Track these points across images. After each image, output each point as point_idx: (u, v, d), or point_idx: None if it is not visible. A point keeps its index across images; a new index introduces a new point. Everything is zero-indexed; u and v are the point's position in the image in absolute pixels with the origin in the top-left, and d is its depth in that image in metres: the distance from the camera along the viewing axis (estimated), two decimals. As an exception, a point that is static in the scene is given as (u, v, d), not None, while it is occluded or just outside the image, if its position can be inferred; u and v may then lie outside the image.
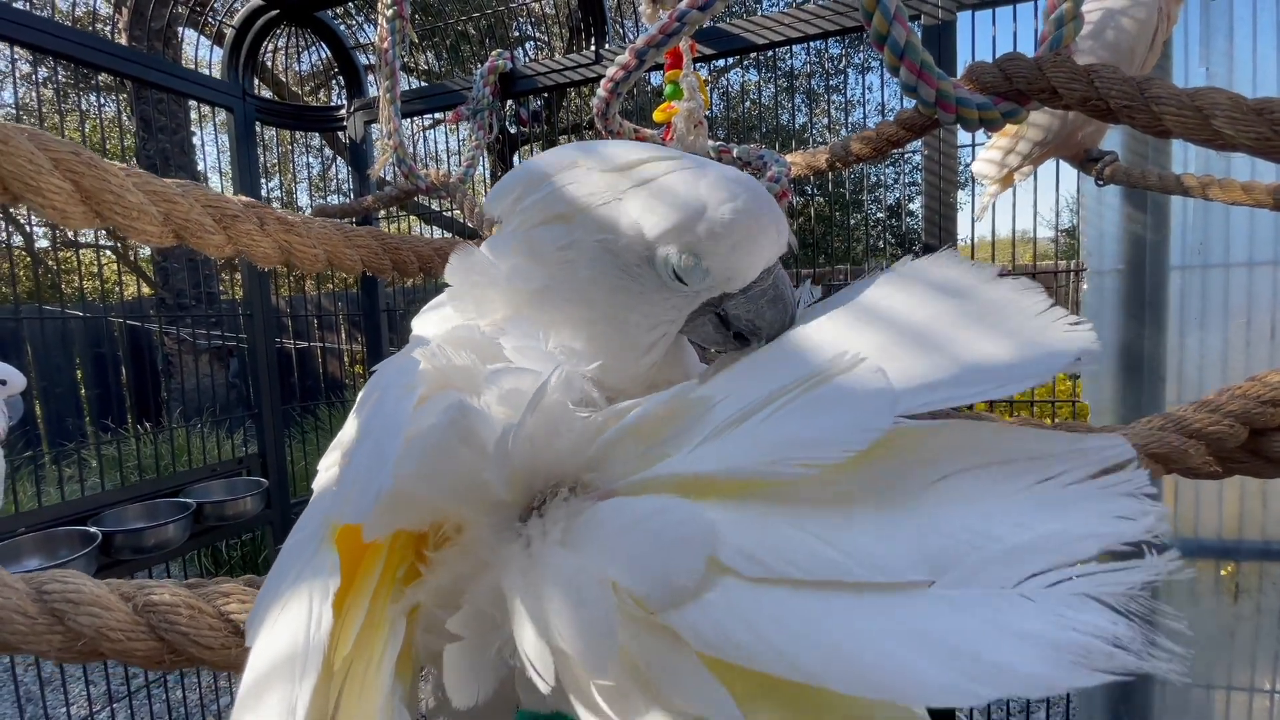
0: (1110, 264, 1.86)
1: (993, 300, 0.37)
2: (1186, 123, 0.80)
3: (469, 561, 0.36)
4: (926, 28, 1.95)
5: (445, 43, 6.94)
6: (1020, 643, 0.24)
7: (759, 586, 0.28)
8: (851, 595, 0.27)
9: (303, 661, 0.31)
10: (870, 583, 0.27)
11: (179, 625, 0.54)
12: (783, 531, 0.30)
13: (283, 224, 0.67)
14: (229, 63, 2.46)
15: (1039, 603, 0.25)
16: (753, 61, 6.93)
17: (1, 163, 0.43)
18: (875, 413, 0.31)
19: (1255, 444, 0.78)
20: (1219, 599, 1.80)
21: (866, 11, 0.99)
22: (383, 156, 1.93)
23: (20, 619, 0.53)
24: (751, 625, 0.27)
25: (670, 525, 0.31)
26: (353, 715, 0.32)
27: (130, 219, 0.52)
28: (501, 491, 0.36)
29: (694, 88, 1.46)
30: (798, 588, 0.28)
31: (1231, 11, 1.76)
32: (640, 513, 0.32)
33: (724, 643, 0.27)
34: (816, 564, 0.28)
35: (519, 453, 0.36)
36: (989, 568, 0.26)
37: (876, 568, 0.27)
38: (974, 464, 0.31)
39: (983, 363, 0.33)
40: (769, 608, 0.27)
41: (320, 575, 0.34)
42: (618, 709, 0.29)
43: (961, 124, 1.04)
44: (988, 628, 0.25)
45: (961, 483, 0.30)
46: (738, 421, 0.34)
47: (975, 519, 0.28)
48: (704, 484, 0.32)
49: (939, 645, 0.25)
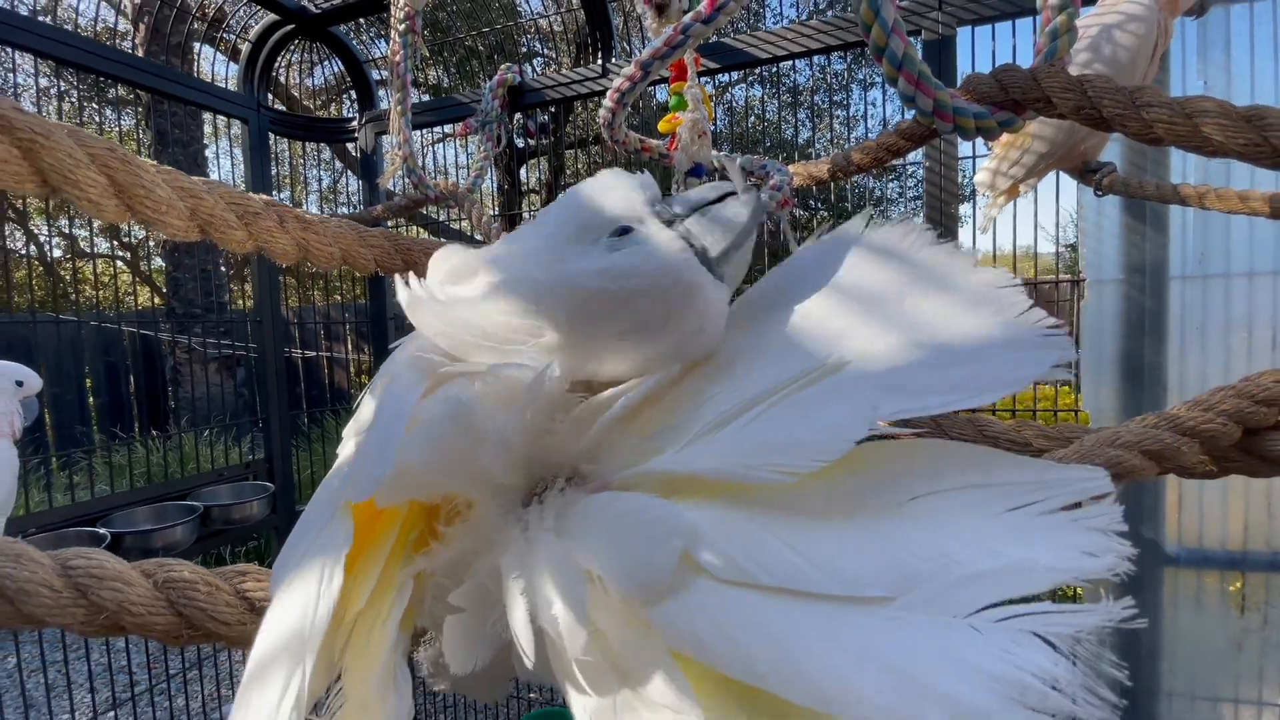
0: (1110, 274, 1.87)
1: (976, 294, 0.37)
2: (1177, 129, 0.83)
3: (476, 538, 0.38)
4: (927, 43, 1.99)
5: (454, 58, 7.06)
6: (961, 673, 0.24)
7: (730, 589, 0.29)
8: (812, 605, 0.28)
9: (313, 617, 0.33)
10: (831, 595, 0.28)
11: (197, 601, 0.56)
12: (757, 536, 0.31)
13: (300, 222, 0.70)
14: (244, 75, 2.53)
15: (987, 635, 0.25)
16: (757, 77, 7.00)
17: (44, 155, 0.46)
18: (852, 423, 0.32)
19: (1249, 443, 0.79)
20: (1226, 611, 1.79)
21: (865, 24, 1.02)
22: (392, 166, 1.97)
23: (47, 592, 0.55)
24: (719, 627, 0.28)
25: (649, 523, 0.32)
26: (358, 663, 0.34)
27: (159, 213, 0.55)
28: (502, 477, 0.38)
29: (698, 99, 1.50)
30: (765, 593, 0.28)
31: (1228, 25, 1.78)
32: (624, 509, 0.34)
33: (692, 641, 0.28)
34: (785, 571, 0.29)
35: (517, 442, 0.38)
36: (948, 592, 0.27)
37: (840, 580, 0.28)
38: (950, 486, 0.31)
39: (964, 370, 0.34)
40: (736, 611, 0.28)
41: (335, 540, 0.36)
42: (595, 687, 0.30)
43: (959, 133, 1.06)
44: (934, 654, 0.25)
45: (935, 503, 0.30)
46: (724, 422, 0.35)
47: (942, 541, 0.29)
48: (690, 483, 0.34)
49: (884, 666, 0.25)
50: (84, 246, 4.37)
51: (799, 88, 6.09)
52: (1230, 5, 1.79)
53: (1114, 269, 1.88)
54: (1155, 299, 1.86)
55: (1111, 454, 0.77)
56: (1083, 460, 0.76)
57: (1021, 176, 1.46)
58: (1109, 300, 1.91)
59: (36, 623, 0.55)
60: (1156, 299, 1.86)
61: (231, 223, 0.59)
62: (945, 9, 1.96)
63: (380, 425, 0.40)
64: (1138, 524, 1.90)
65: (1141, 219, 1.86)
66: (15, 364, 1.51)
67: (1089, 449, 0.77)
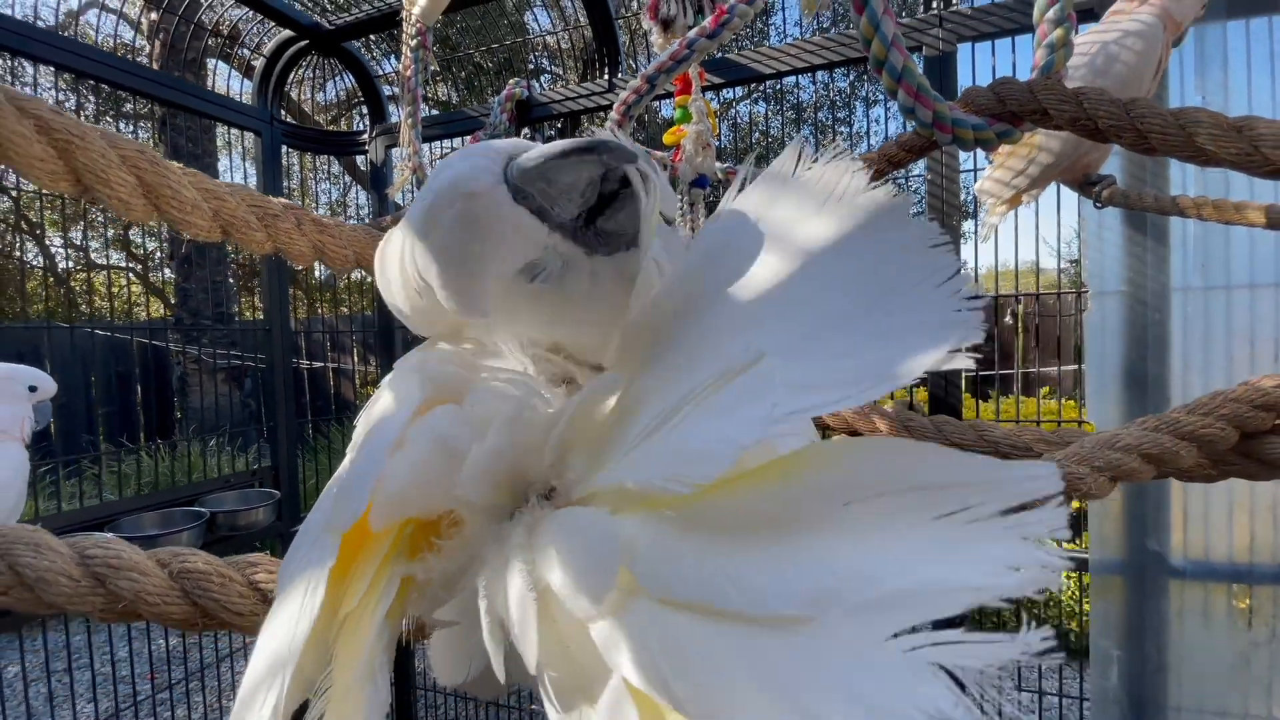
0: (1112, 286, 1.89)
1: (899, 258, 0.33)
2: (1170, 140, 0.85)
3: (465, 553, 0.40)
4: (928, 59, 2.02)
5: (462, 75, 7.16)
6: (856, 708, 0.24)
7: (660, 609, 0.30)
8: (730, 628, 0.28)
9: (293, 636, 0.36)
10: (750, 615, 0.28)
11: (211, 591, 0.58)
12: (689, 552, 0.31)
13: (317, 225, 0.72)
14: (259, 89, 2.58)
15: (891, 668, 0.24)
16: (761, 94, 7.07)
17: (78, 155, 0.49)
18: (748, 429, 0.30)
19: (1246, 446, 0.80)
20: (1232, 625, 1.78)
21: (865, 38, 1.04)
22: (403, 177, 2.01)
23: (65, 580, 0.56)
24: (645, 646, 0.29)
25: (591, 542, 0.33)
26: (345, 654, 0.37)
27: (185, 213, 0.57)
28: (484, 498, 0.39)
29: (702, 112, 1.53)
30: (690, 613, 0.29)
31: (1225, 42, 1.81)
32: (574, 526, 0.35)
33: (623, 659, 0.29)
34: (710, 590, 0.29)
35: (491, 464, 0.39)
36: (863, 615, 0.26)
37: (760, 600, 0.28)
38: (888, 490, 0.29)
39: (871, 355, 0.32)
40: (662, 631, 0.29)
41: (320, 559, 0.38)
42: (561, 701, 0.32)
43: (958, 144, 1.09)
44: (830, 687, 0.25)
45: (867, 510, 0.29)
46: (654, 430, 0.35)
47: (864, 557, 0.28)
48: (630, 496, 0.34)
49: (786, 695, 0.25)
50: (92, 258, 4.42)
51: (803, 104, 6.15)
52: (1226, 22, 1.82)
53: (1116, 281, 1.89)
54: (1158, 311, 1.87)
55: (1111, 457, 0.78)
56: (1082, 462, 0.77)
57: (1025, 186, 1.48)
58: (1111, 312, 1.92)
59: (58, 609, 0.57)
60: (1159, 311, 1.88)
61: (252, 224, 0.62)
62: (946, 26, 2.00)
63: (367, 449, 0.42)
64: (1143, 536, 1.90)
65: (1143, 231, 1.87)
66: (30, 368, 1.54)
67: (1088, 451, 0.78)
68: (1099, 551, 1.93)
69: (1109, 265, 1.90)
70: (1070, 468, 0.77)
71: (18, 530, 0.57)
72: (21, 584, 0.56)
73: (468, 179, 0.43)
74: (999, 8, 1.95)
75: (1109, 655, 1.85)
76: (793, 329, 0.34)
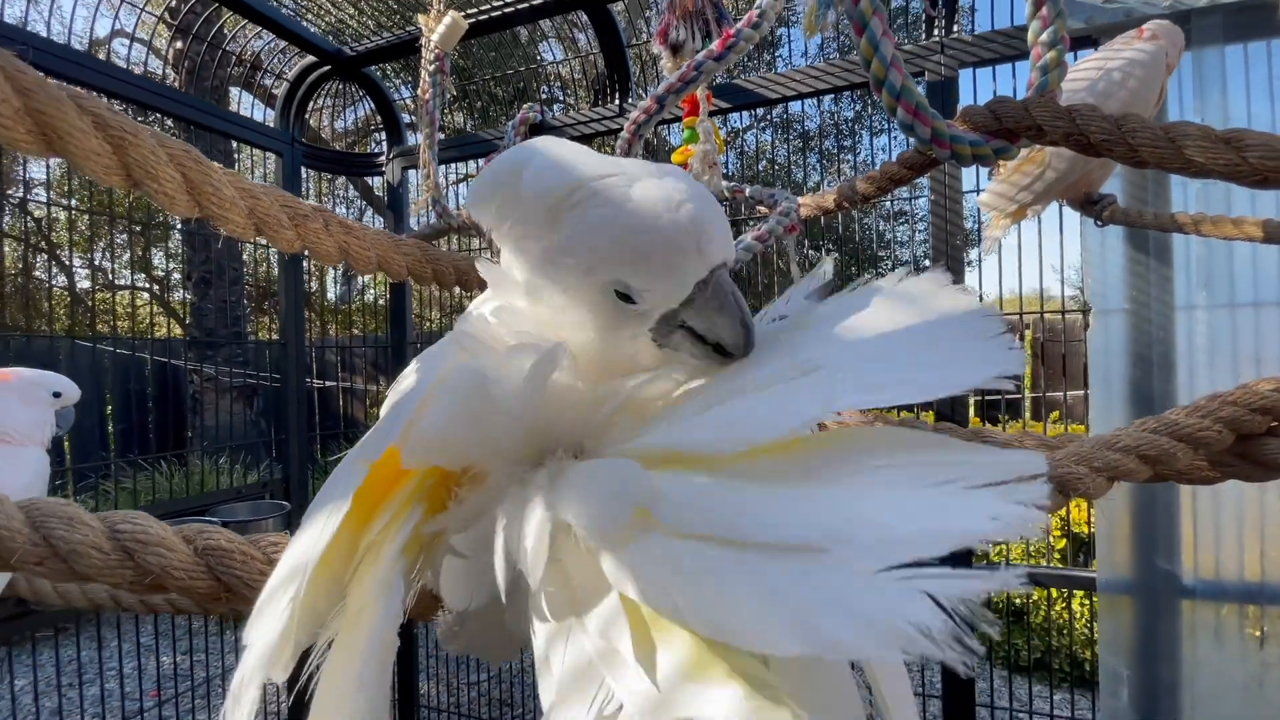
0: (1115, 304, 1.90)
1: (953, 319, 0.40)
2: (1161, 153, 0.88)
3: (485, 500, 0.43)
4: (931, 84, 2.08)
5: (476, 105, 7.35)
6: (842, 617, 0.27)
7: (676, 540, 0.33)
8: (739, 553, 0.31)
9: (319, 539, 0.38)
10: (759, 543, 0.31)
11: (234, 569, 0.60)
12: (711, 497, 0.34)
13: (343, 226, 0.76)
14: (281, 112, 2.68)
15: (884, 590, 0.28)
16: (769, 123, 7.20)
17: (130, 151, 0.53)
18: (809, 409, 0.35)
19: (1243, 448, 0.81)
20: (1244, 645, 1.75)
21: (865, 59, 1.09)
22: (422, 198, 2.07)
23: (96, 553, 0.59)
24: (656, 570, 0.32)
25: (614, 481, 0.36)
26: (361, 579, 0.39)
27: (223, 209, 0.61)
28: (511, 446, 0.42)
29: (709, 132, 1.58)
30: (705, 542, 0.32)
31: (1224, 65, 1.85)
32: (599, 469, 0.38)
33: (631, 582, 0.32)
34: (722, 523, 0.32)
35: (528, 415, 0.41)
36: (864, 552, 0.29)
37: (772, 534, 0.31)
38: (897, 463, 0.34)
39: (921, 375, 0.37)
40: (675, 557, 0.32)
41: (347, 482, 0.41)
42: (554, 615, 0.35)
43: (956, 160, 1.12)
44: (826, 600, 0.28)
45: (876, 476, 0.33)
46: (706, 409, 0.40)
47: (872, 508, 0.32)
48: (667, 456, 0.38)
49: (785, 607, 0.29)
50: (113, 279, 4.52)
51: (809, 133, 6.26)
52: (1224, 47, 1.86)
53: (1119, 299, 1.91)
54: (1162, 329, 1.89)
55: (1110, 457, 0.79)
56: (1080, 462, 0.78)
57: (1028, 201, 1.51)
58: (1115, 330, 1.93)
59: (88, 580, 0.59)
60: (1164, 329, 1.89)
61: (284, 223, 0.66)
62: (947, 52, 2.06)
63: (407, 394, 0.46)
64: (1153, 555, 1.88)
65: (1145, 250, 1.90)
66: (55, 375, 1.58)
67: (1087, 451, 0.79)
68: (1108, 571, 1.92)
69: (1112, 284, 1.92)
70: (1069, 467, 0.78)
71: (51, 504, 0.60)
72: (55, 555, 0.59)
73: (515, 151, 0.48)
74: (999, 34, 2.01)
75: (1118, 674, 1.82)
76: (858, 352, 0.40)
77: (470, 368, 0.43)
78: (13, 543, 0.55)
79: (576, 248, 0.45)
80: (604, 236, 0.44)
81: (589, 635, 0.33)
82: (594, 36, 2.61)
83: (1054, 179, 1.49)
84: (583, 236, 0.45)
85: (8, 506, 0.57)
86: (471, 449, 0.42)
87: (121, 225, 5.05)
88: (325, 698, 0.36)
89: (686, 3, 1.47)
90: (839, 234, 7.42)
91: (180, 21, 3.03)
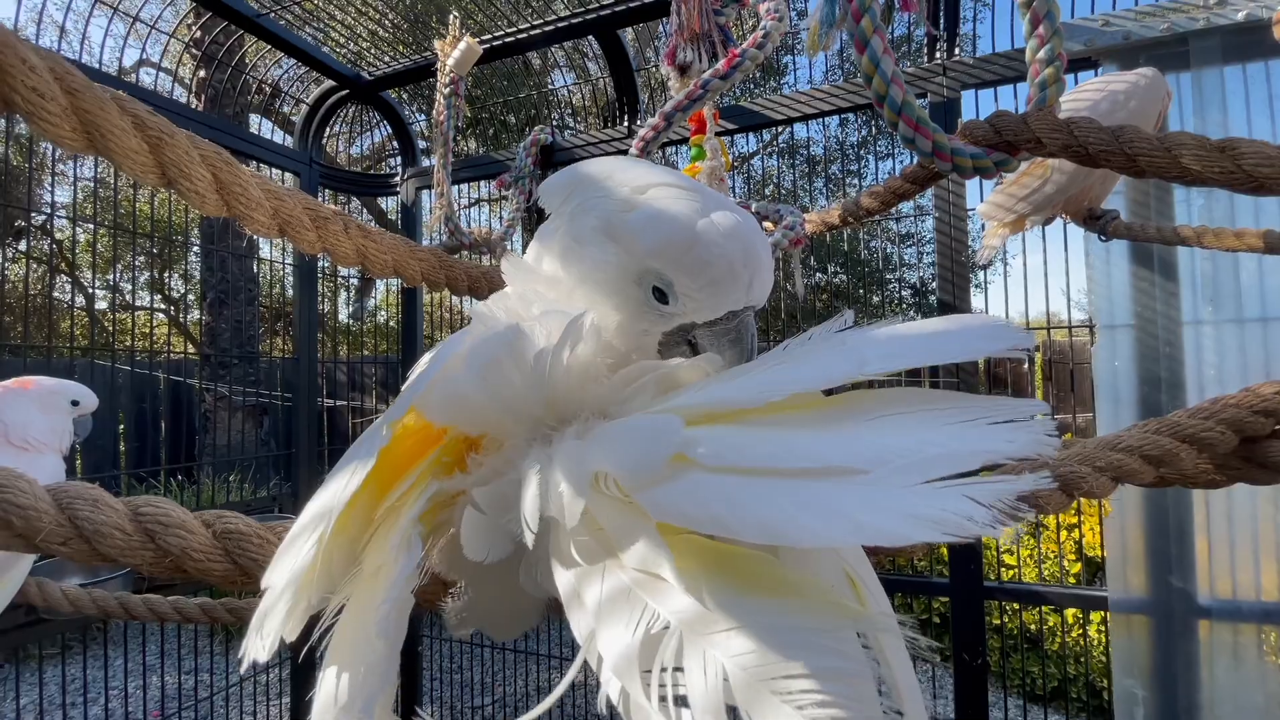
0: (1121, 319, 1.91)
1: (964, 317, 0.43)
2: (1157, 161, 0.90)
3: (504, 461, 0.44)
4: (934, 105, 2.12)
5: (489, 132, 7.52)
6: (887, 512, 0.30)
7: (715, 474, 0.34)
8: (779, 479, 0.33)
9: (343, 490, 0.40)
10: (797, 469, 0.33)
11: (250, 552, 0.62)
12: (746, 437, 0.36)
13: (362, 231, 0.79)
14: (300, 133, 2.76)
15: (928, 491, 0.31)
16: (775, 149, 7.30)
17: (166, 151, 0.56)
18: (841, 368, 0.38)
19: (1247, 451, 0.82)
20: (1263, 665, 1.71)
21: (866, 75, 1.12)
22: (435, 215, 2.12)
23: (119, 535, 0.61)
24: (699, 498, 0.33)
25: (650, 428, 0.37)
26: (378, 542, 0.41)
27: (249, 209, 0.63)
28: (535, 409, 0.43)
29: (716, 149, 1.62)
30: (745, 474, 0.34)
31: (1223, 85, 1.88)
32: (634, 421, 0.40)
33: (673, 512, 0.33)
34: (762, 457, 0.34)
35: (556, 379, 0.43)
36: (903, 470, 0.32)
37: (813, 460, 0.33)
38: (922, 409, 0.37)
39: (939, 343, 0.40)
40: (717, 486, 0.34)
41: (372, 442, 0.43)
42: (585, 558, 0.35)
43: (958, 172, 1.14)
44: (870, 502, 0.30)
45: (904, 418, 0.36)
46: (738, 375, 0.42)
47: (904, 438, 0.34)
48: (698, 415, 0.39)
49: (824, 508, 0.31)
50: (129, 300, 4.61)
51: (815, 158, 6.34)
52: (1223, 68, 1.89)
53: (1125, 315, 1.92)
54: (1169, 345, 1.89)
55: (1113, 457, 0.80)
56: (1084, 462, 0.79)
57: (1027, 212, 1.53)
58: (1122, 346, 1.93)
59: (111, 560, 0.61)
60: (1170, 345, 1.89)
61: (305, 224, 0.68)
62: (949, 75, 2.10)
63: (429, 362, 0.47)
64: (1166, 574, 1.85)
65: (1150, 266, 1.91)
66: (74, 383, 1.61)
67: (1090, 452, 0.80)
68: (1119, 589, 1.89)
69: (1117, 300, 1.93)
70: (1072, 466, 0.79)
71: (77, 487, 0.62)
72: (80, 536, 0.60)
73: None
74: (1000, 57, 2.06)
75: (1133, 695, 1.78)
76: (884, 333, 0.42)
77: (499, 331, 0.44)
78: (39, 522, 0.56)
79: (646, 228, 0.48)
80: (677, 230, 0.47)
81: (626, 570, 0.34)
82: (604, 65, 2.68)
83: (1053, 191, 1.51)
84: (657, 221, 0.48)
85: (36, 488, 0.59)
86: (493, 410, 0.42)
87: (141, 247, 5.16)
88: (340, 648, 0.37)
89: (693, 26, 1.52)
90: (846, 256, 7.45)
91: (205, 50, 3.14)
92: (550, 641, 3.78)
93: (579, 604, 0.35)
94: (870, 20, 1.11)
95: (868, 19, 1.11)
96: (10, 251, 9.14)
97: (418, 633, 3.13)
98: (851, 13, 1.13)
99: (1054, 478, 0.77)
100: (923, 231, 7.32)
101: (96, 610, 1.54)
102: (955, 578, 2.09)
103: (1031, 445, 0.32)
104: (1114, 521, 1.92)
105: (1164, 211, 1.88)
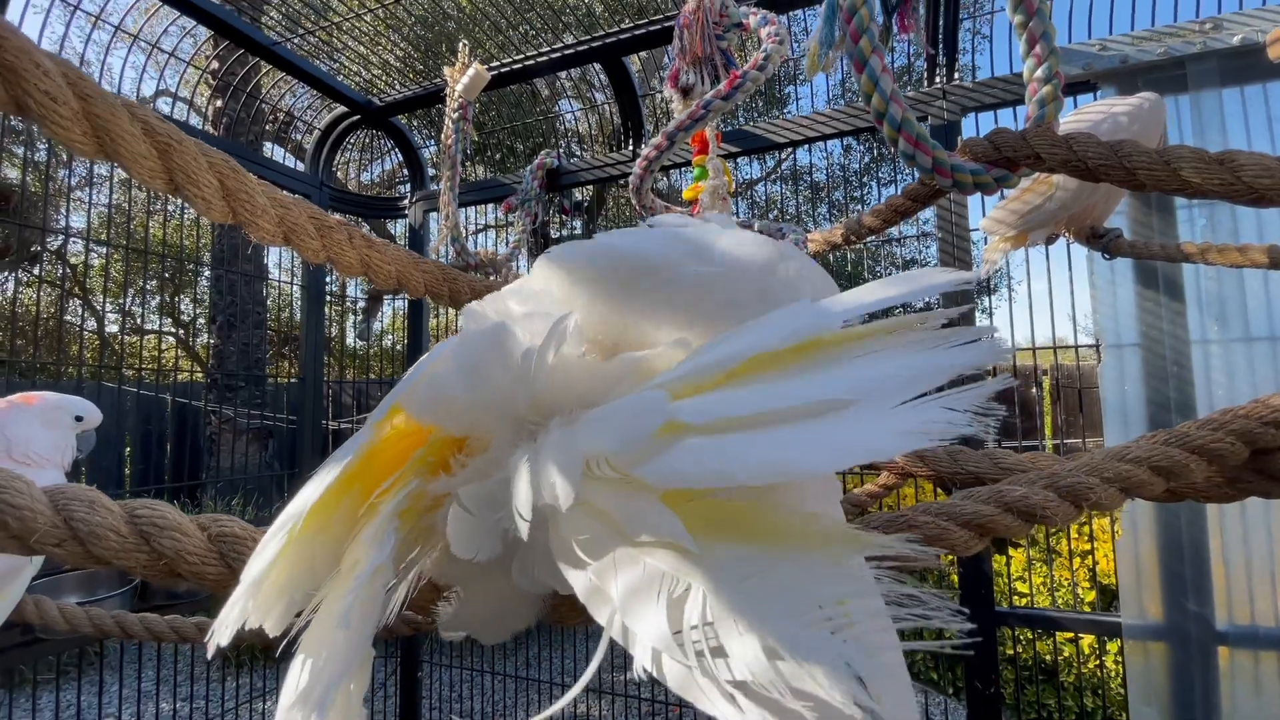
0: (1128, 339, 1.90)
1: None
2: (1157, 174, 0.90)
3: (490, 463, 0.43)
4: (934, 128, 2.14)
5: (495, 158, 7.66)
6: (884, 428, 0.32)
7: (707, 434, 0.35)
8: (770, 423, 0.34)
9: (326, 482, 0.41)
10: (785, 409, 0.34)
11: (245, 555, 0.61)
12: (731, 395, 0.37)
13: (366, 241, 0.79)
14: (312, 157, 2.81)
15: (911, 408, 0.33)
16: (779, 175, 7.37)
17: (174, 157, 0.57)
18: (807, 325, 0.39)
19: (1259, 463, 0.80)
20: (1287, 694, 1.66)
21: (866, 94, 1.14)
22: (442, 235, 2.15)
23: (114, 537, 0.60)
24: (699, 460, 0.34)
25: (636, 404, 0.38)
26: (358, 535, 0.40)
27: (255, 216, 0.64)
28: (520, 408, 0.42)
29: (718, 169, 1.64)
30: (735, 427, 0.34)
31: (1222, 107, 1.90)
32: (618, 403, 0.39)
33: (675, 476, 0.33)
34: (750, 407, 0.35)
35: (541, 377, 0.42)
36: (888, 394, 0.34)
37: (794, 400, 0.35)
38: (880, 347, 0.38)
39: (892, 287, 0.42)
40: (713, 444, 0.34)
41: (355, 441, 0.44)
42: (593, 554, 0.35)
43: (958, 188, 1.15)
44: (871, 422, 0.33)
45: (875, 355, 0.38)
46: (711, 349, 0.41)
47: (877, 368, 0.36)
48: (681, 385, 0.39)
49: (820, 438, 0.33)
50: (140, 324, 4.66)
51: (819, 184, 6.40)
52: (1221, 90, 1.91)
53: (1131, 334, 1.91)
54: (1177, 364, 1.87)
55: (1121, 468, 0.79)
56: (1092, 473, 0.77)
57: (1029, 227, 1.53)
58: (1129, 365, 1.92)
59: (105, 563, 0.60)
60: (1179, 364, 1.87)
61: (310, 233, 0.69)
62: (949, 98, 2.13)
63: (418, 363, 0.48)
64: (1183, 598, 1.81)
65: (1155, 286, 1.90)
66: (78, 399, 1.62)
67: (1098, 463, 0.78)
68: (1134, 614, 1.84)
69: (1123, 320, 1.92)
70: (1080, 478, 0.77)
71: (74, 488, 0.62)
72: (75, 538, 0.60)
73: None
74: (999, 80, 2.09)
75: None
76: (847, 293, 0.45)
77: (483, 330, 0.44)
78: (35, 523, 0.56)
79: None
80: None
81: (636, 544, 0.33)
82: (610, 93, 2.73)
83: (1056, 208, 1.52)
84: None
85: (33, 489, 0.59)
86: (478, 408, 0.42)
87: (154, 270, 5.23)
88: (309, 641, 0.37)
89: (696, 50, 1.55)
90: (850, 279, 7.47)
91: (220, 78, 3.22)
92: (552, 669, 3.71)
93: (594, 589, 0.34)
94: (868, 40, 1.13)
95: (866, 39, 1.13)
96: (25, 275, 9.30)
97: (417, 659, 3.08)
98: (850, 34, 1.15)
99: (1061, 489, 0.76)
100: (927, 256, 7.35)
101: (93, 629, 1.52)
102: (965, 603, 2.04)
103: (989, 355, 0.35)
104: (1126, 543, 1.88)
105: (1167, 230, 1.88)
